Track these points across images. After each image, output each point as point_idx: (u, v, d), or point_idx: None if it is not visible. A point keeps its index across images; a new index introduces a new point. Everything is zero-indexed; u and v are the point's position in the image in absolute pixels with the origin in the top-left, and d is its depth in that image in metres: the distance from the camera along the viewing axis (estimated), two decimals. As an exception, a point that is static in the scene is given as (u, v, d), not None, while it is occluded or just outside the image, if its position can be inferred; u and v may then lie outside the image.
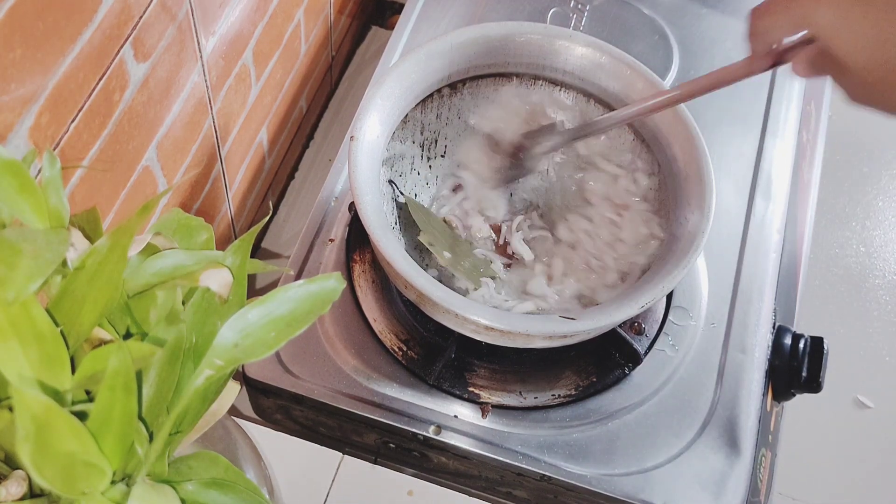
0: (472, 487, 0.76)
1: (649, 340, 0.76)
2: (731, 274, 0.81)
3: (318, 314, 0.35)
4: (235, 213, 0.90)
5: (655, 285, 0.64)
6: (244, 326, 0.35)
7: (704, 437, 0.72)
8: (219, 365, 0.34)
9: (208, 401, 0.38)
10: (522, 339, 0.65)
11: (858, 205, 1.30)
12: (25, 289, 0.30)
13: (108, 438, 0.33)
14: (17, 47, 0.47)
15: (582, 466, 0.70)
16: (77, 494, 0.33)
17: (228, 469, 0.39)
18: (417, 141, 0.79)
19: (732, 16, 0.99)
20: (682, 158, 0.71)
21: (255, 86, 0.84)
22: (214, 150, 0.79)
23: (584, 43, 0.75)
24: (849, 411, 1.15)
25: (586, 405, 0.73)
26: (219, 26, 0.71)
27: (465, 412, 0.72)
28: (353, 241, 0.79)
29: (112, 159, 0.61)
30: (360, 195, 0.65)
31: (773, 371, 0.76)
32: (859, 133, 1.36)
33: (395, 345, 0.74)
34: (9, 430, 0.32)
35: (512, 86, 0.79)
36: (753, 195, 0.85)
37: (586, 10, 0.97)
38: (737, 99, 0.92)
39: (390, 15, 1.20)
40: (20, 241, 0.32)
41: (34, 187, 0.36)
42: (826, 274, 1.26)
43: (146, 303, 0.37)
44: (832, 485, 1.10)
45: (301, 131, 1.04)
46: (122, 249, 0.34)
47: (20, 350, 0.32)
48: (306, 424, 0.76)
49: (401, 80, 0.71)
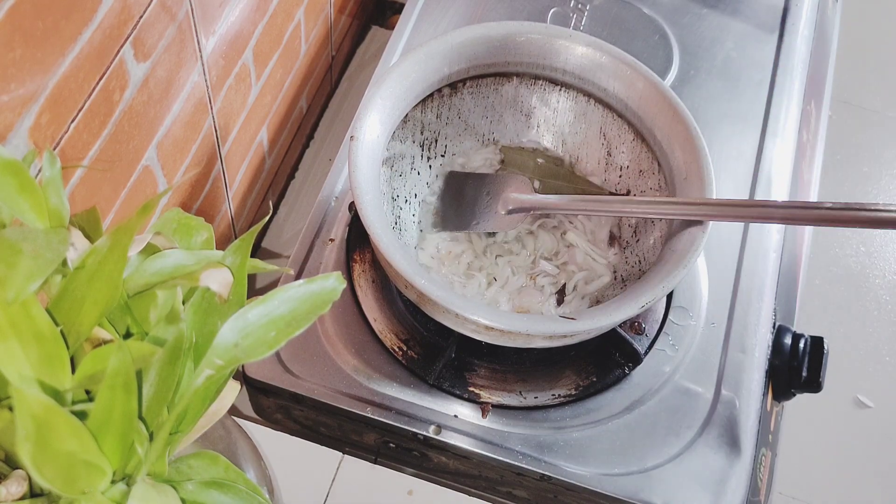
0: (473, 487, 0.76)
1: (649, 340, 0.76)
2: (731, 273, 0.81)
3: (319, 314, 0.35)
4: (235, 213, 0.90)
5: (655, 285, 0.64)
6: (244, 326, 0.35)
7: (704, 436, 0.72)
8: (219, 365, 0.34)
9: (208, 400, 0.38)
10: (522, 338, 0.65)
11: (858, 205, 1.30)
12: (25, 288, 0.30)
13: (108, 438, 0.33)
14: (17, 47, 0.47)
15: (582, 466, 0.70)
16: (77, 494, 0.33)
17: (228, 469, 0.39)
18: (417, 141, 0.79)
19: (732, 16, 0.99)
20: (682, 158, 0.71)
21: (255, 85, 0.84)
22: (214, 149, 0.79)
23: (585, 43, 0.75)
24: (849, 411, 1.15)
25: (586, 405, 0.73)
26: (219, 26, 0.71)
27: (466, 412, 0.72)
28: (353, 241, 0.79)
29: (112, 159, 0.61)
30: (361, 195, 0.65)
31: (774, 371, 0.76)
32: (859, 133, 1.36)
33: (396, 344, 0.74)
34: (9, 430, 0.32)
35: (512, 85, 0.79)
36: (753, 195, 0.85)
37: (586, 9, 0.97)
38: (737, 99, 0.92)
39: (390, 15, 1.20)
40: (20, 240, 0.32)
41: (34, 187, 0.36)
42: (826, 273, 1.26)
43: (146, 302, 0.37)
44: (832, 485, 1.10)
45: (301, 131, 1.04)
46: (122, 249, 0.34)
47: (20, 350, 0.32)
48: (306, 424, 0.76)
49: (401, 79, 0.71)
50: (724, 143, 0.88)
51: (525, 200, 0.75)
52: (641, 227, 0.76)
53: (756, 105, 0.92)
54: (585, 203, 0.73)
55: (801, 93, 0.94)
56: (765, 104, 0.92)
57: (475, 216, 0.76)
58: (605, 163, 0.80)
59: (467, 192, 0.78)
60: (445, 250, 0.76)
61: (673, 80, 0.92)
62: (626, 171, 0.78)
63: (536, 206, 0.74)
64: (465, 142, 0.82)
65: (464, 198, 0.78)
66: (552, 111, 0.80)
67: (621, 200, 0.74)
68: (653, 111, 0.73)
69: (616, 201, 0.74)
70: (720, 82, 0.93)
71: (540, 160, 0.80)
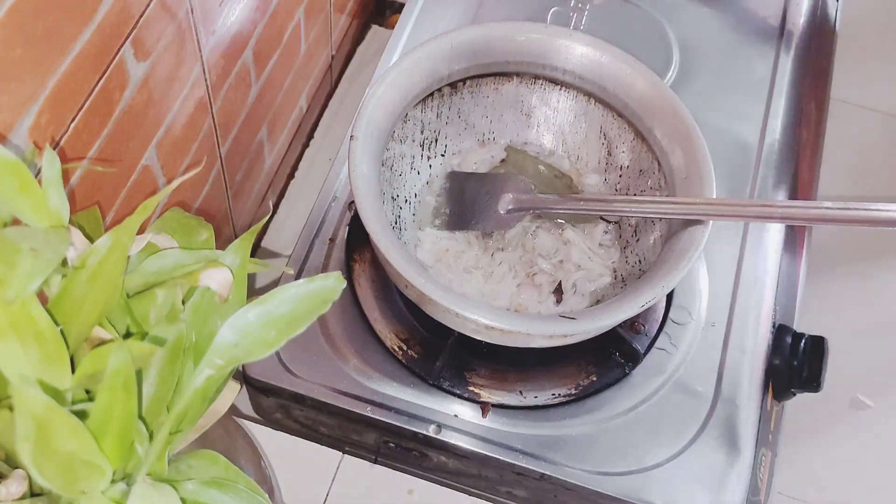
0: (472, 487, 0.76)
1: (649, 340, 0.76)
2: (731, 273, 0.80)
3: (318, 314, 0.35)
4: (235, 213, 0.90)
5: (655, 285, 0.64)
6: (244, 326, 0.35)
7: (704, 436, 0.72)
8: (219, 364, 0.34)
9: (208, 400, 0.38)
10: (522, 338, 0.65)
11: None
12: (25, 288, 0.30)
13: (108, 438, 0.33)
14: (17, 47, 0.47)
15: (582, 465, 0.70)
16: (77, 493, 0.33)
17: (228, 468, 0.39)
18: (417, 140, 0.79)
19: (732, 15, 0.99)
20: (682, 158, 0.71)
21: (254, 85, 0.84)
22: (214, 149, 0.79)
23: (585, 42, 0.75)
24: (849, 411, 1.15)
25: (586, 404, 0.73)
26: (219, 25, 0.71)
27: (465, 411, 0.72)
28: (353, 241, 0.79)
29: (112, 158, 0.61)
30: (360, 194, 0.65)
31: (773, 370, 0.76)
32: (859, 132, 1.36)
33: (396, 344, 0.74)
34: (9, 430, 0.32)
35: (512, 85, 0.79)
36: (753, 194, 0.85)
37: (586, 9, 0.97)
38: (737, 98, 0.92)
39: (390, 14, 1.20)
40: (20, 240, 0.32)
41: (34, 186, 0.36)
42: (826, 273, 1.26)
43: (146, 302, 0.37)
44: (832, 484, 1.10)
45: (301, 130, 1.04)
46: (122, 248, 0.34)
47: (20, 349, 0.32)
48: (306, 424, 0.76)
49: (401, 79, 0.71)
50: (723, 142, 0.88)
51: (524, 200, 0.75)
52: (641, 227, 0.76)
53: (756, 104, 0.92)
54: (585, 203, 0.73)
55: (800, 91, 0.94)
56: (764, 103, 0.92)
57: (474, 215, 0.76)
58: (605, 162, 0.80)
59: (467, 192, 0.78)
60: (443, 248, 0.76)
61: (673, 80, 0.92)
62: (626, 170, 0.78)
63: (535, 206, 0.74)
64: (465, 141, 0.82)
65: (463, 197, 0.78)
66: (552, 111, 0.80)
67: (621, 200, 0.74)
68: (653, 110, 0.73)
69: (616, 201, 0.74)
70: (720, 82, 0.93)
71: (542, 167, 0.80)
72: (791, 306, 0.84)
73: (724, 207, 0.66)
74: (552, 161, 0.81)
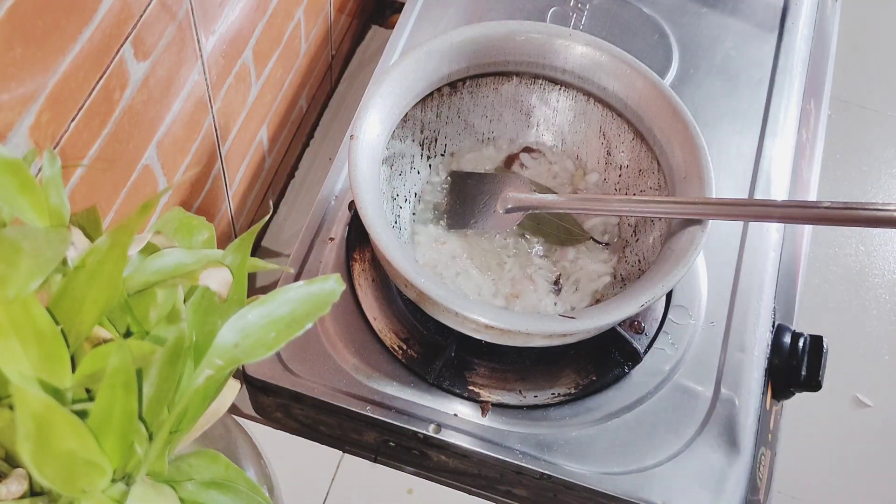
0: (472, 486, 0.76)
1: (649, 339, 0.76)
2: (730, 272, 0.81)
3: (318, 315, 0.35)
4: (235, 212, 0.90)
5: (655, 284, 0.64)
6: (244, 327, 0.35)
7: (704, 435, 0.72)
8: (219, 365, 0.34)
9: (208, 400, 0.38)
10: (522, 337, 0.65)
11: (858, 204, 1.30)
12: (26, 287, 0.30)
13: (108, 437, 0.33)
14: (17, 46, 0.47)
15: (581, 465, 0.70)
16: (77, 493, 0.33)
17: (228, 468, 0.39)
18: (417, 140, 0.79)
19: (732, 15, 0.99)
20: (681, 157, 0.71)
21: (255, 85, 0.84)
22: (214, 148, 0.79)
23: (584, 42, 0.75)
24: (848, 410, 1.15)
25: (586, 403, 0.73)
26: (219, 25, 0.71)
27: (465, 411, 0.72)
28: (353, 240, 0.79)
29: (112, 158, 0.61)
30: (360, 194, 0.65)
31: (773, 370, 0.77)
32: (859, 132, 1.36)
33: (395, 343, 0.74)
34: (9, 429, 0.32)
35: (511, 85, 0.79)
36: (753, 194, 0.85)
37: (586, 9, 0.97)
38: (736, 98, 0.92)
39: (390, 14, 1.20)
40: (20, 239, 0.32)
41: (35, 186, 0.36)
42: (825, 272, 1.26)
43: (146, 302, 0.37)
44: (832, 484, 1.10)
45: (301, 130, 1.04)
46: (122, 248, 0.34)
47: (20, 348, 0.32)
48: (306, 423, 0.77)
49: (401, 78, 0.72)
50: (723, 142, 0.88)
51: (523, 199, 0.75)
52: (641, 227, 0.76)
53: (755, 104, 0.92)
54: (584, 202, 0.73)
55: (800, 92, 0.94)
56: (764, 103, 0.92)
57: (474, 215, 0.76)
58: (604, 162, 0.80)
59: (467, 191, 0.78)
60: (441, 246, 0.76)
61: (672, 80, 0.92)
62: (626, 170, 0.78)
63: (535, 206, 0.74)
64: (464, 141, 0.82)
65: (463, 197, 0.78)
66: (552, 110, 0.80)
67: (620, 200, 0.74)
68: (652, 110, 0.73)
69: (615, 200, 0.74)
70: (720, 82, 0.93)
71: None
72: (790, 305, 0.84)
73: (723, 207, 0.66)
74: (552, 160, 0.81)
